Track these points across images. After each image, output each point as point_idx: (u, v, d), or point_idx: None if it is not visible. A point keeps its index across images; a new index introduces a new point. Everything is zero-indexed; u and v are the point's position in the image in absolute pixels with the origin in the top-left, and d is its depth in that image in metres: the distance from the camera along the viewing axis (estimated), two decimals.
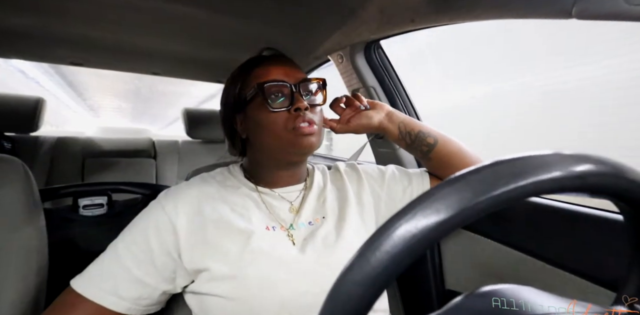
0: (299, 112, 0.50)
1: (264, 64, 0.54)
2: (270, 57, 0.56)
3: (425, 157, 0.62)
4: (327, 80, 0.56)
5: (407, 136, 0.62)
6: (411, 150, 0.64)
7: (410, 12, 0.67)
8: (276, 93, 0.51)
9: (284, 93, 0.51)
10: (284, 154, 0.52)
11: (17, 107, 1.56)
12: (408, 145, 0.63)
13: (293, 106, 0.50)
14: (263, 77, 0.52)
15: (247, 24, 0.95)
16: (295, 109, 0.50)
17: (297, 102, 0.50)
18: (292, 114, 0.50)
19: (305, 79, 0.53)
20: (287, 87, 0.51)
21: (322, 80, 0.55)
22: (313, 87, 0.54)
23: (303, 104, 0.50)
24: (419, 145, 0.62)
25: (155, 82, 5.19)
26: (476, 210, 0.19)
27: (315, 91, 0.55)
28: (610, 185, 0.21)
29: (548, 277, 0.55)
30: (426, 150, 0.61)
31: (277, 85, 0.51)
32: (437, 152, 0.60)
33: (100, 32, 1.07)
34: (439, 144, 0.60)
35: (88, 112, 8.27)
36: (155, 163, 1.88)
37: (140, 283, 0.46)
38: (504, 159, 0.21)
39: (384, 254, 0.19)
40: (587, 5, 0.40)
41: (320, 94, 0.55)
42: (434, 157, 0.61)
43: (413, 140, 0.62)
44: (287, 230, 0.51)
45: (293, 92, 0.51)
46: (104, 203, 1.10)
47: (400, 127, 0.62)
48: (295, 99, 0.50)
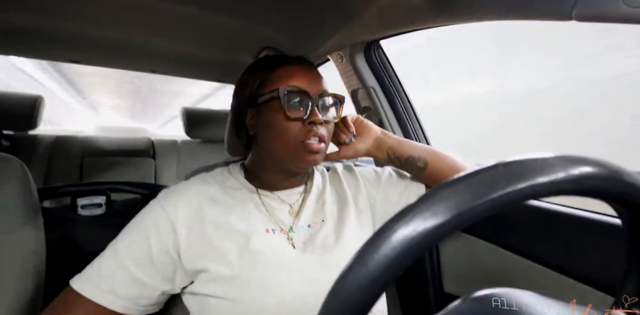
0: (313, 126, 0.50)
1: (289, 65, 0.53)
2: (297, 59, 0.55)
3: (418, 176, 0.62)
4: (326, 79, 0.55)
5: (396, 160, 0.61)
6: (403, 170, 0.64)
7: (410, 12, 0.66)
8: (297, 102, 0.50)
9: (302, 103, 0.50)
10: (287, 164, 0.52)
11: (15, 105, 1.56)
12: (399, 167, 0.63)
13: (308, 118, 0.49)
14: (286, 80, 0.51)
15: (247, 24, 0.95)
16: (310, 121, 0.50)
17: (313, 116, 0.49)
18: (306, 126, 0.50)
19: (325, 92, 0.53)
20: (307, 97, 0.50)
21: (340, 98, 0.55)
22: (330, 102, 0.54)
23: (318, 119, 0.49)
24: (410, 168, 0.61)
25: (154, 81, 5.19)
26: (474, 213, 0.19)
27: (332, 106, 0.55)
28: (608, 189, 0.21)
29: (546, 281, 0.55)
30: (417, 172, 0.61)
31: (299, 94, 0.50)
32: (428, 172, 0.60)
33: (101, 30, 1.07)
34: (430, 166, 0.59)
35: (88, 110, 8.27)
36: (154, 163, 1.88)
37: (140, 283, 0.46)
38: (502, 161, 0.20)
39: (382, 257, 0.19)
40: (586, 7, 0.40)
41: (335, 111, 0.55)
42: (426, 176, 0.61)
43: (403, 164, 0.61)
44: (287, 233, 0.51)
45: (312, 104, 0.50)
46: (102, 203, 1.10)
47: (389, 153, 0.61)
48: (312, 112, 0.50)
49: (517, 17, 0.51)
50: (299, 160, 0.51)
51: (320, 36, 0.94)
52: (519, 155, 0.21)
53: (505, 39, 2.57)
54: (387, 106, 0.94)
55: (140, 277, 0.46)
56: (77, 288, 0.45)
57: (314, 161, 0.51)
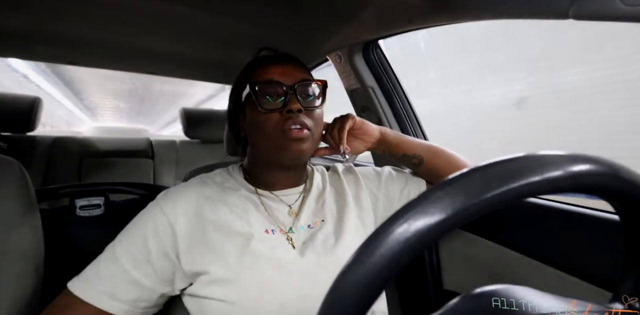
0: (291, 114, 0.49)
1: (264, 63, 0.53)
2: (272, 57, 0.55)
3: (414, 170, 0.65)
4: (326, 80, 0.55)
5: (391, 157, 0.65)
6: (400, 163, 0.68)
7: (408, 12, 0.67)
8: (271, 94, 0.50)
9: (278, 94, 0.50)
10: (275, 157, 0.52)
11: (13, 107, 1.55)
12: (395, 161, 0.66)
13: (285, 107, 0.49)
14: (260, 77, 0.51)
15: (246, 24, 0.95)
16: (287, 110, 0.49)
17: (290, 104, 0.49)
18: (284, 115, 0.49)
19: (303, 79, 0.51)
20: (281, 87, 0.49)
21: (322, 82, 0.53)
22: (312, 89, 0.52)
23: (295, 106, 0.48)
24: (405, 164, 0.65)
25: (154, 82, 5.16)
26: (470, 212, 0.19)
27: (315, 93, 0.53)
28: (605, 186, 0.21)
29: (545, 277, 0.55)
30: (413, 168, 0.65)
31: (270, 86, 0.50)
32: (424, 168, 0.62)
33: (98, 32, 1.07)
34: (425, 162, 0.61)
35: (85, 112, 8.22)
36: (153, 163, 1.87)
37: (138, 285, 0.46)
38: (496, 160, 0.20)
39: (380, 256, 0.19)
40: (583, 6, 0.40)
41: (318, 97, 0.53)
42: (423, 171, 0.63)
43: (398, 160, 0.65)
44: (287, 233, 0.51)
45: (287, 93, 0.50)
46: (101, 204, 1.10)
47: (385, 151, 0.64)
48: (289, 100, 0.49)
49: (514, 16, 0.51)
50: (284, 151, 0.50)
51: (318, 36, 0.94)
52: (514, 154, 0.21)
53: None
54: (386, 105, 0.94)
55: (139, 279, 0.46)
56: (75, 290, 0.44)
57: (298, 150, 0.49)
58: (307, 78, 0.52)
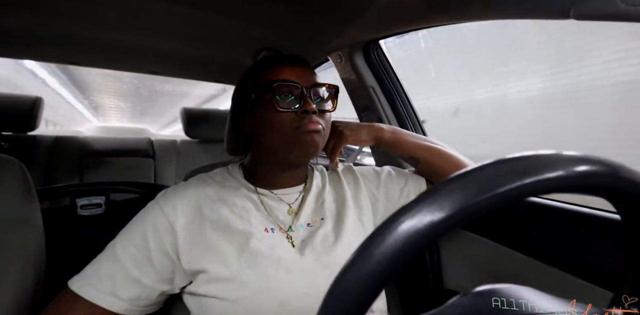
0: (306, 115, 0.50)
1: (278, 62, 0.54)
2: (285, 56, 0.56)
3: (414, 168, 0.67)
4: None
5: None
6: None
7: (409, 12, 0.67)
8: (286, 93, 0.51)
9: (294, 94, 0.51)
10: (287, 154, 0.52)
11: (14, 106, 1.56)
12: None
13: (301, 108, 0.50)
14: (275, 76, 0.51)
15: (246, 24, 0.95)
16: (303, 111, 0.50)
17: (306, 105, 0.50)
18: (299, 115, 0.50)
19: (317, 83, 0.53)
20: (298, 88, 0.50)
21: (335, 87, 0.55)
22: (324, 93, 0.54)
23: (311, 107, 0.50)
24: (406, 162, 0.67)
25: (155, 82, 5.18)
26: (477, 208, 0.19)
27: (327, 97, 0.55)
28: (609, 186, 0.21)
29: (546, 277, 0.55)
30: (413, 166, 0.66)
31: (288, 86, 0.50)
32: (422, 167, 0.64)
33: (100, 32, 1.07)
34: (421, 162, 0.63)
35: (89, 110, 8.26)
36: (153, 163, 1.88)
37: (138, 283, 0.46)
38: (506, 157, 0.21)
39: (381, 254, 0.19)
40: (584, 6, 0.40)
41: (331, 101, 0.55)
42: (421, 170, 0.65)
43: (398, 158, 0.67)
44: (286, 232, 0.51)
45: (303, 94, 0.50)
46: (102, 203, 1.10)
47: (384, 148, 0.66)
48: (305, 102, 0.50)
49: (515, 16, 0.51)
50: (298, 145, 0.50)
51: (319, 36, 0.94)
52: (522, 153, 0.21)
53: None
54: (387, 105, 0.94)
55: (139, 277, 0.46)
56: (75, 289, 0.45)
57: (312, 141, 0.50)
58: (320, 82, 0.54)
